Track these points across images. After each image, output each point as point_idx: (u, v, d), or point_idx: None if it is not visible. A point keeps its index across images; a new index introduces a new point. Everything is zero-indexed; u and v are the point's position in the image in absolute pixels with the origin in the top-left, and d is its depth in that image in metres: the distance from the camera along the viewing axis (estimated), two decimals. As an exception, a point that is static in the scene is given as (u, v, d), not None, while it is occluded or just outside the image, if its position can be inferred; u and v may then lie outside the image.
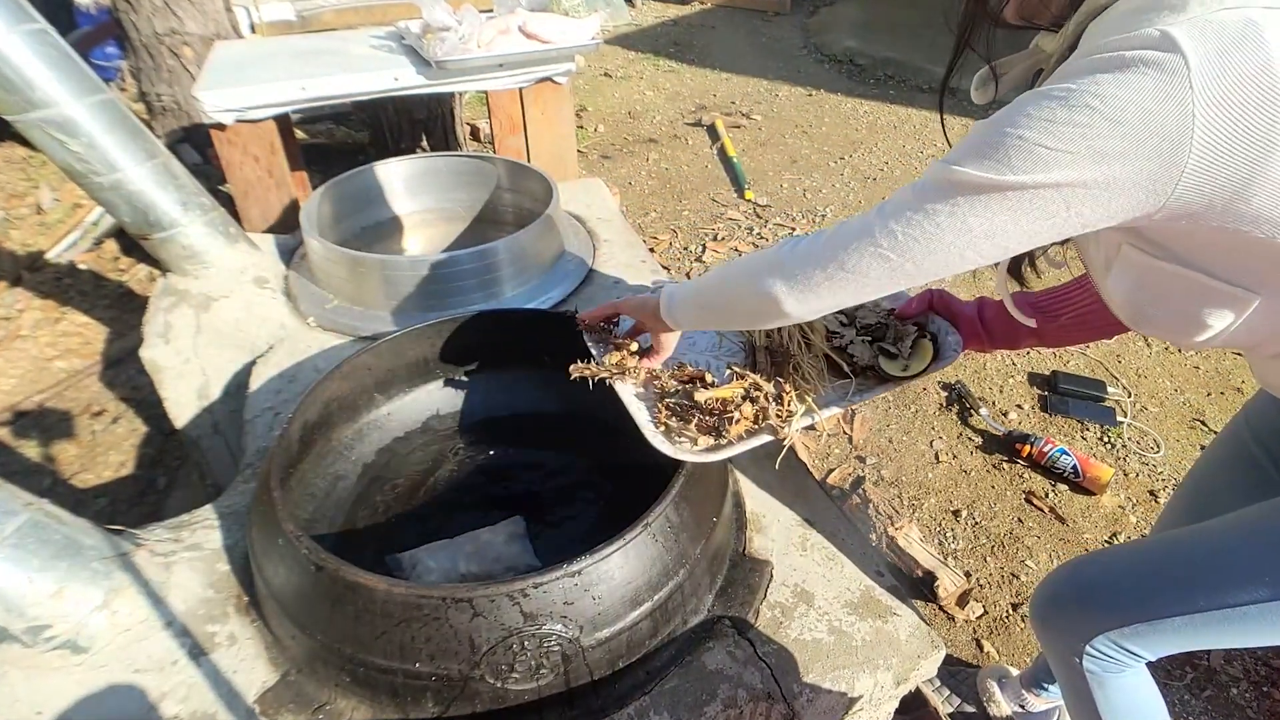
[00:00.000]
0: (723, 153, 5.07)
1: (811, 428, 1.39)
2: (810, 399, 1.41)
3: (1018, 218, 0.86)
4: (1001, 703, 1.90)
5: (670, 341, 1.48)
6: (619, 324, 1.60)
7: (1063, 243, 1.10)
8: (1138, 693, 1.39)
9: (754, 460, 1.77)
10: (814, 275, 1.04)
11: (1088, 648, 1.31)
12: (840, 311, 1.51)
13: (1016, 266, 1.23)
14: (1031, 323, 1.31)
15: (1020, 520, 2.53)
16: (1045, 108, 0.80)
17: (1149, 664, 1.35)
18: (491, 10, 2.98)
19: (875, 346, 1.47)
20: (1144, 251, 0.96)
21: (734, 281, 1.20)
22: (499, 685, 1.18)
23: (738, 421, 1.34)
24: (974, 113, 5.18)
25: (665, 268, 3.69)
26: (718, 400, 1.37)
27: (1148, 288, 1.00)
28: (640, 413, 1.40)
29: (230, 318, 2.21)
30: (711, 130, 5.42)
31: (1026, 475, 2.69)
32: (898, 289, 1.01)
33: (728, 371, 1.45)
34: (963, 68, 1.11)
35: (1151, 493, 2.61)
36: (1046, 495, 2.61)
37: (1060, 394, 3.01)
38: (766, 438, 1.36)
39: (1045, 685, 1.85)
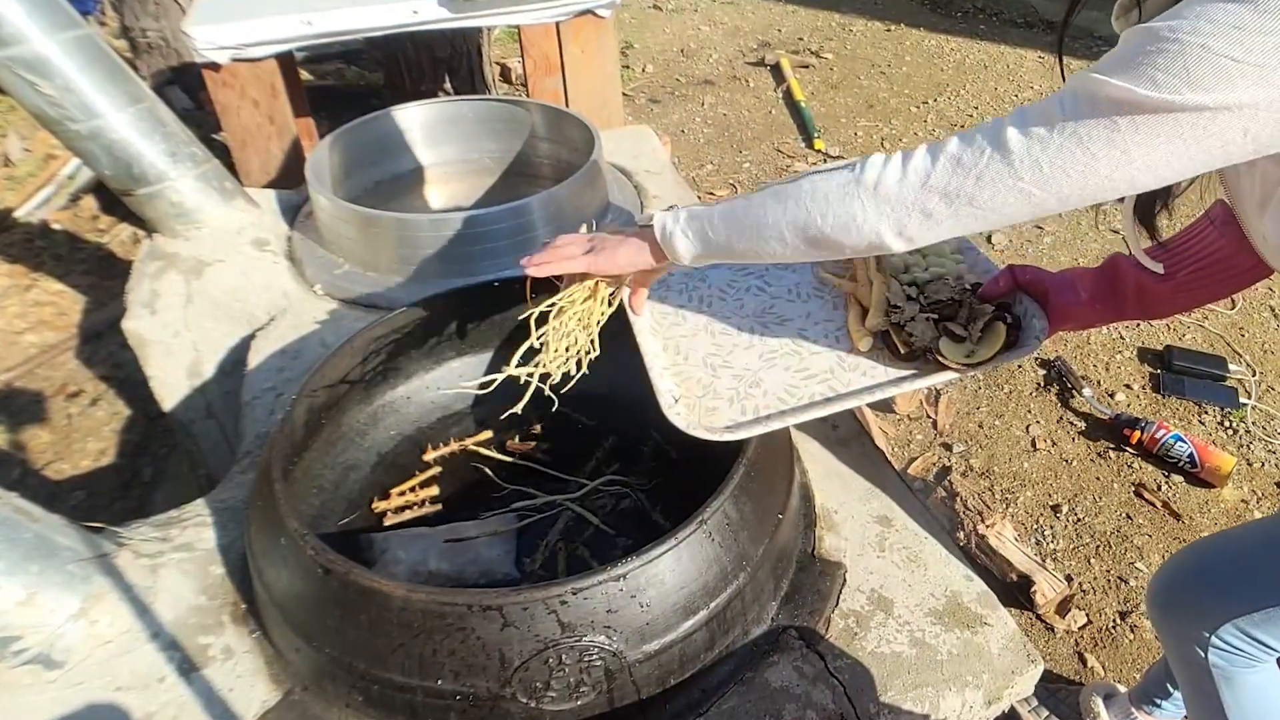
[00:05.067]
0: (789, 96, 5.03)
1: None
2: None
3: (1189, 145, 0.83)
4: (1108, 724, 1.89)
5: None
6: None
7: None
8: (1270, 693, 1.37)
9: (825, 447, 1.75)
10: (930, 207, 0.98)
11: (1213, 638, 1.31)
12: (911, 282, 1.46)
13: (1148, 212, 1.19)
14: (1159, 268, 1.27)
15: (1129, 516, 2.49)
16: (1230, 12, 0.77)
17: None
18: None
19: (940, 326, 1.41)
20: None
21: (794, 203, 1.09)
22: (533, 705, 1.17)
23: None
24: (1092, 56, 5.09)
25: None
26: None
27: None
28: (657, 364, 1.39)
29: (226, 285, 2.21)
30: (776, 70, 5.37)
31: (1136, 465, 2.65)
32: (1028, 220, 0.97)
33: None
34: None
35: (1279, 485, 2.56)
36: (1159, 488, 2.57)
37: (1175, 372, 2.95)
38: (809, 415, 1.31)
39: (1158, 701, 1.82)
